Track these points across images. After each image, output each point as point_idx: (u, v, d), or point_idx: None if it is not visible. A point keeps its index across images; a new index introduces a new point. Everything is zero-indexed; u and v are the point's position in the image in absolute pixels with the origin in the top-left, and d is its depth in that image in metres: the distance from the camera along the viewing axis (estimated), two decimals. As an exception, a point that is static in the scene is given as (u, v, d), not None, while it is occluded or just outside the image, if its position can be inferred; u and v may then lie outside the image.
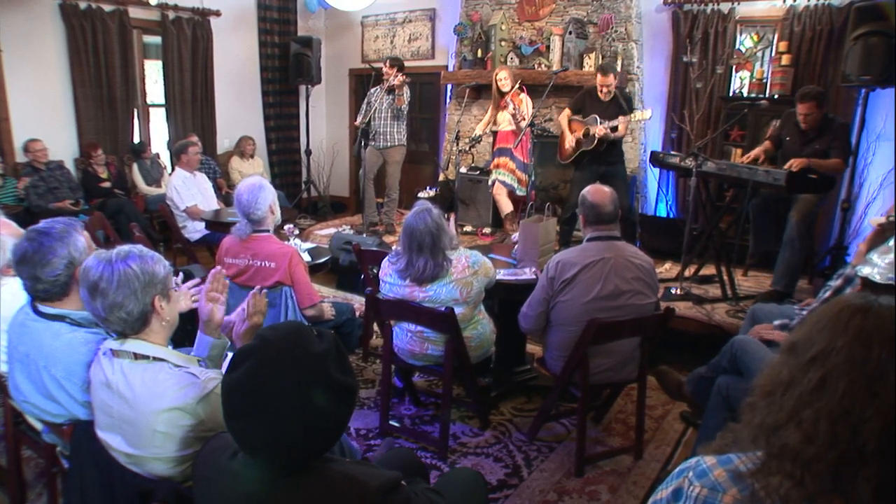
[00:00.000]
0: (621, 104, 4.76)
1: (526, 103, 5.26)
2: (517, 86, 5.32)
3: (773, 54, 5.32)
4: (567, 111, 5.08)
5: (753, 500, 0.92)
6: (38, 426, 2.04)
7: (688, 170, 4.17)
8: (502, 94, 5.35)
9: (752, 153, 4.41)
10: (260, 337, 1.21)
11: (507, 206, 5.58)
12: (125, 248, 1.65)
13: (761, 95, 5.26)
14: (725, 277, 4.27)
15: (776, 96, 5.04)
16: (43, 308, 1.88)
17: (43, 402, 1.85)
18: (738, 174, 4.01)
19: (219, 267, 2.00)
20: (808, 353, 0.95)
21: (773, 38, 5.37)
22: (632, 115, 4.63)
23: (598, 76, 4.80)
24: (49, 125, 6.06)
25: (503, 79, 5.31)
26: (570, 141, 4.99)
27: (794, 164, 3.88)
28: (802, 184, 3.79)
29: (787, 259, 4.09)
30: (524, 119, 5.10)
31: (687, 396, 3.09)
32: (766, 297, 4.06)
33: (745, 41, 5.47)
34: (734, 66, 5.51)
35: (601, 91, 4.80)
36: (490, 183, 5.64)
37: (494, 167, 5.58)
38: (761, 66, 5.42)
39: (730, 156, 5.32)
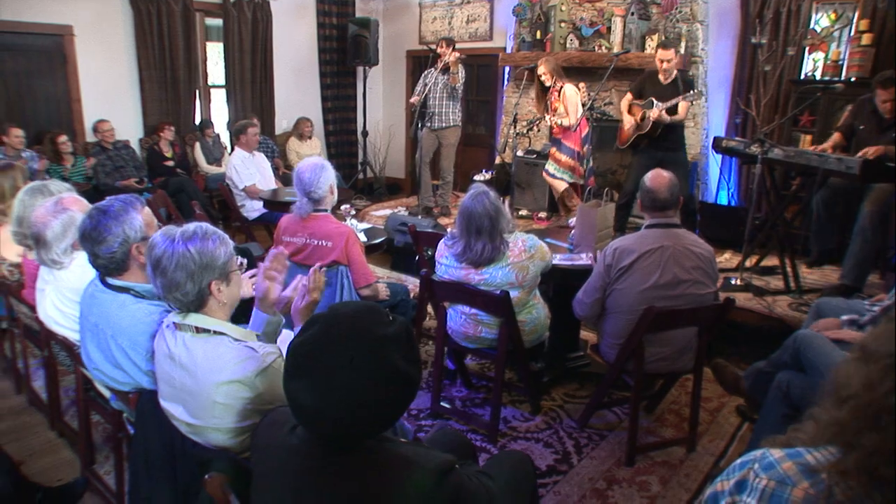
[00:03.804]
0: (680, 87, 4.59)
1: (569, 96, 5.04)
2: (558, 77, 5.10)
3: (853, 33, 5.01)
4: (628, 95, 4.93)
5: (829, 498, 0.87)
6: (107, 393, 2.14)
7: (752, 156, 4.01)
8: (546, 90, 5.20)
9: (821, 147, 4.19)
10: (332, 307, 1.24)
11: (560, 186, 5.47)
12: (191, 227, 1.66)
13: (836, 78, 4.98)
14: (789, 269, 4.11)
15: (853, 79, 4.77)
16: (110, 280, 1.96)
17: (111, 371, 1.93)
18: (808, 161, 3.83)
19: (280, 247, 2.03)
20: None
21: (853, 15, 5.05)
22: (684, 95, 4.46)
23: (659, 50, 4.64)
24: (116, 106, 6.31)
25: (542, 74, 5.13)
26: (628, 124, 4.85)
27: (869, 151, 3.68)
28: (877, 172, 3.59)
29: (858, 251, 3.90)
30: (566, 117, 5.01)
31: (744, 391, 3.00)
32: (832, 290, 3.89)
33: (822, 20, 5.19)
34: (807, 47, 5.24)
35: (661, 69, 4.64)
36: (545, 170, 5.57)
37: (549, 156, 5.50)
38: (838, 46, 5.13)
39: (798, 142, 5.09)
